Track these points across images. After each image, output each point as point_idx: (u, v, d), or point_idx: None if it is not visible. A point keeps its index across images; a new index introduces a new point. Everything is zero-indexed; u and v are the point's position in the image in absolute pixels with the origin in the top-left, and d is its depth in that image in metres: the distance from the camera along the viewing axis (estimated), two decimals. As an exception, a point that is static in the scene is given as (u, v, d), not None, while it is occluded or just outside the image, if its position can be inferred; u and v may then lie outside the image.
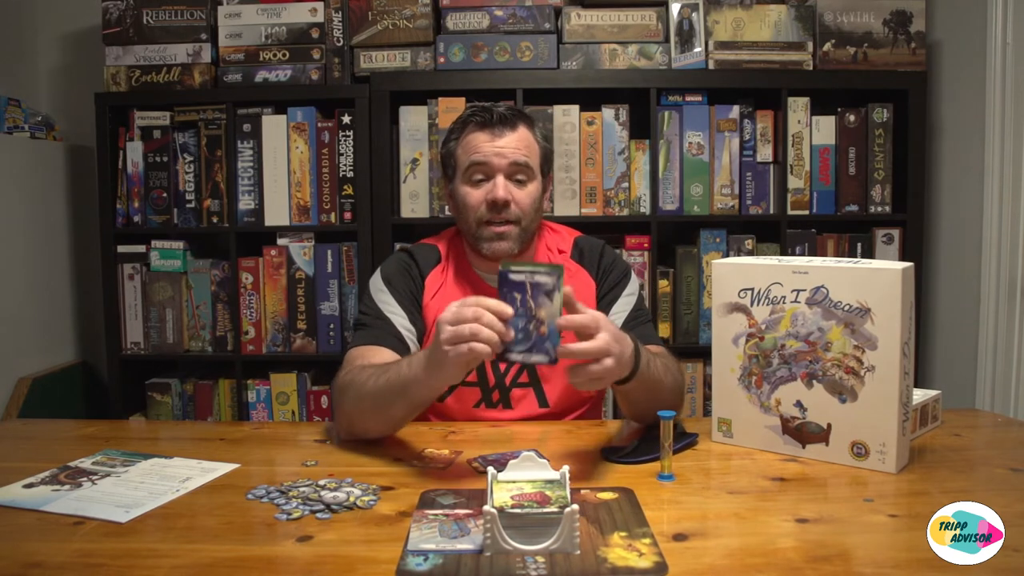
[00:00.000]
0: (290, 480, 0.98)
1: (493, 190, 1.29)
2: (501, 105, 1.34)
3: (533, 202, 1.32)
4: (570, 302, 0.95)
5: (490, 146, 1.30)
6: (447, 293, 1.35)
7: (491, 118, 1.30)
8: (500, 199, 1.28)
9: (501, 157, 1.29)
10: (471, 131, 1.32)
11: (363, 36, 2.12)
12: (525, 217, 1.31)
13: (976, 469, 1.06)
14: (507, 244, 1.30)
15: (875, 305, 0.99)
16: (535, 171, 1.33)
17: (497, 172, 1.30)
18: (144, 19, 2.14)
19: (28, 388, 2.11)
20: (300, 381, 2.19)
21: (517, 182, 1.31)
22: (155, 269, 2.18)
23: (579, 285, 1.36)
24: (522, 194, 1.31)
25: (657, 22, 2.11)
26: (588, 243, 1.43)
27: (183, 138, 2.16)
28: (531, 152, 1.32)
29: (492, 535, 0.76)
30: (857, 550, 0.78)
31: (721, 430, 1.15)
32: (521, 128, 1.32)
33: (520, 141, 1.31)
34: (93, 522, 0.86)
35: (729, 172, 2.10)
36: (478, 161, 1.30)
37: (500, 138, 1.30)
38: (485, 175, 1.31)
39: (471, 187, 1.32)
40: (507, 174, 1.30)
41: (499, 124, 1.30)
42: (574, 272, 1.38)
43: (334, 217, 2.14)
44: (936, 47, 2.19)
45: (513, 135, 1.31)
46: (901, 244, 2.10)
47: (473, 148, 1.31)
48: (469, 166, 1.31)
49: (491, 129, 1.30)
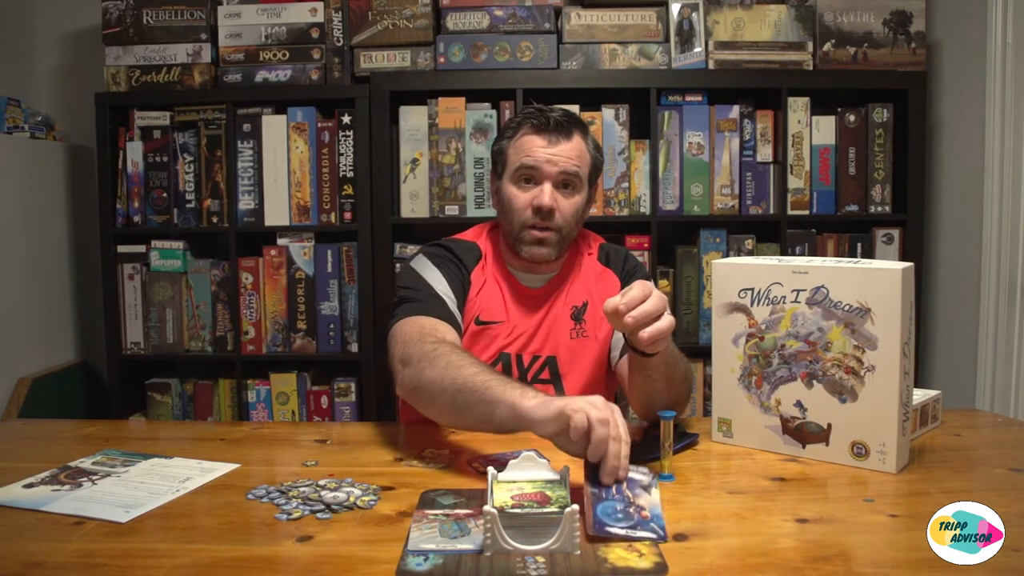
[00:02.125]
0: (290, 480, 0.98)
1: (539, 196, 1.28)
2: (559, 109, 1.34)
3: (576, 211, 1.32)
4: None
5: (543, 151, 1.29)
6: (489, 291, 1.36)
7: (548, 123, 1.29)
8: (545, 206, 1.28)
9: (552, 164, 1.28)
10: (526, 132, 1.31)
11: (363, 36, 2.12)
12: (567, 226, 1.31)
13: (976, 469, 1.06)
14: (546, 250, 1.31)
15: (875, 305, 0.99)
16: (583, 182, 1.33)
17: (546, 179, 1.29)
18: (144, 19, 2.14)
19: (28, 388, 2.11)
20: (300, 381, 2.19)
21: (564, 191, 1.31)
22: (155, 269, 2.18)
23: (606, 285, 1.39)
24: (567, 203, 1.31)
25: (657, 22, 2.11)
26: (613, 248, 1.46)
27: (183, 138, 2.16)
28: (582, 162, 1.32)
29: (492, 535, 0.76)
30: (857, 550, 0.78)
31: (721, 430, 1.15)
32: (576, 137, 1.31)
33: (573, 151, 1.30)
34: (93, 522, 0.86)
35: (729, 172, 2.10)
36: (529, 165, 1.29)
37: (554, 145, 1.29)
38: (534, 179, 1.30)
39: (518, 189, 1.31)
40: (556, 182, 1.29)
41: (555, 130, 1.29)
42: (600, 274, 1.41)
43: (334, 217, 2.14)
44: (936, 47, 2.19)
45: (567, 144, 1.30)
46: (901, 244, 2.10)
47: (526, 151, 1.30)
48: (519, 168, 1.30)
49: (546, 134, 1.29)
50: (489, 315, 1.35)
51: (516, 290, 1.37)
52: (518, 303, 1.37)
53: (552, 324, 1.36)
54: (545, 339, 1.36)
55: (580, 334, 1.36)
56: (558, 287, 1.38)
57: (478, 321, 1.34)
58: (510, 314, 1.35)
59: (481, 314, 1.35)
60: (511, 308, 1.36)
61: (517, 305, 1.36)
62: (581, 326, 1.36)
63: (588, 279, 1.39)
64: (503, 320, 1.35)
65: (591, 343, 1.36)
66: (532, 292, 1.37)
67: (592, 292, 1.38)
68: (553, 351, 1.35)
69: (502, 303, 1.36)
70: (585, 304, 1.37)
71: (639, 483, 0.88)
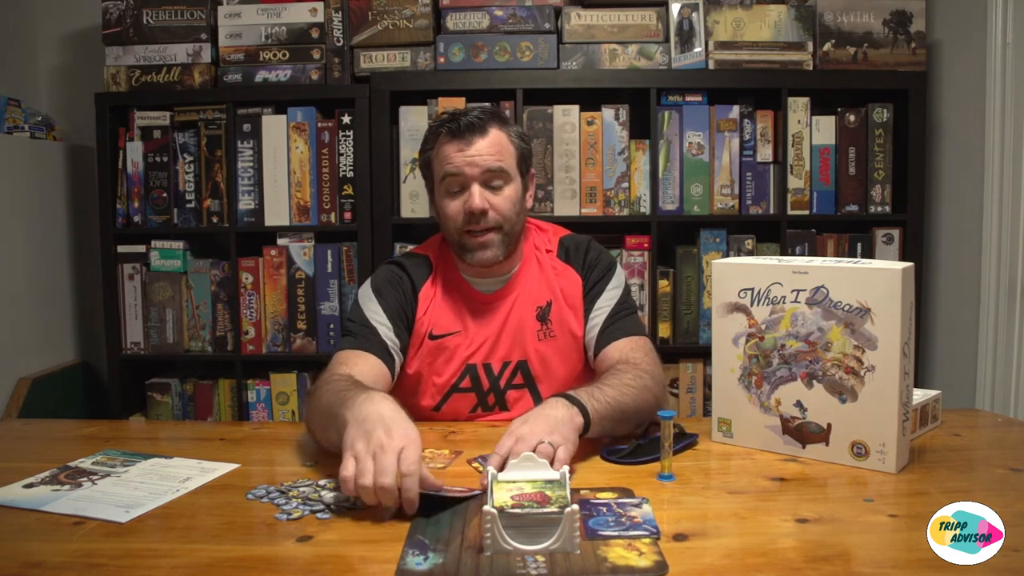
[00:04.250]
0: (290, 480, 0.98)
1: (469, 200, 1.27)
2: (473, 108, 1.32)
3: (513, 205, 1.30)
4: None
5: (461, 156, 1.27)
6: (440, 304, 1.35)
7: (459, 127, 1.27)
8: (476, 208, 1.26)
9: (473, 166, 1.27)
10: (442, 141, 1.29)
11: (363, 36, 2.12)
12: (506, 222, 1.29)
13: (976, 469, 1.06)
14: (491, 252, 1.29)
15: (875, 305, 0.99)
16: (511, 173, 1.30)
17: (471, 181, 1.27)
18: (144, 19, 2.14)
19: (28, 388, 2.11)
20: (300, 381, 2.19)
21: (493, 188, 1.29)
22: (155, 269, 2.18)
23: (567, 284, 1.36)
24: (499, 199, 1.29)
25: (657, 22, 2.11)
26: (574, 241, 1.41)
27: (183, 138, 2.16)
28: (505, 154, 1.29)
29: (492, 535, 0.76)
30: (857, 550, 0.78)
31: (721, 430, 1.15)
32: (492, 131, 1.29)
33: (492, 146, 1.28)
34: (93, 522, 0.86)
35: (729, 172, 2.10)
36: (451, 172, 1.28)
37: (471, 146, 1.27)
38: (460, 185, 1.29)
39: (448, 198, 1.30)
40: (482, 182, 1.27)
41: (468, 131, 1.27)
42: (561, 271, 1.37)
43: (334, 217, 2.14)
44: (936, 47, 2.19)
45: (483, 141, 1.27)
46: (901, 244, 2.10)
47: (445, 159, 1.28)
48: (444, 177, 1.29)
49: (461, 138, 1.27)
50: (442, 328, 1.33)
51: (471, 297, 1.35)
52: (474, 310, 1.35)
53: (517, 328, 1.33)
54: (511, 344, 1.33)
55: (547, 335, 1.34)
56: (515, 288, 1.36)
57: (431, 336, 1.33)
58: (466, 323, 1.34)
59: (434, 328, 1.33)
60: (466, 317, 1.34)
61: (473, 313, 1.34)
62: (547, 327, 1.34)
63: (550, 277, 1.36)
64: (458, 330, 1.33)
65: (560, 342, 1.34)
66: (488, 297, 1.35)
67: (555, 290, 1.36)
68: (522, 355, 1.33)
69: (455, 313, 1.34)
70: (549, 304, 1.35)
71: (630, 503, 0.89)
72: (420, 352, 1.33)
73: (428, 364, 1.33)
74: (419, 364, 1.33)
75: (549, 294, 1.35)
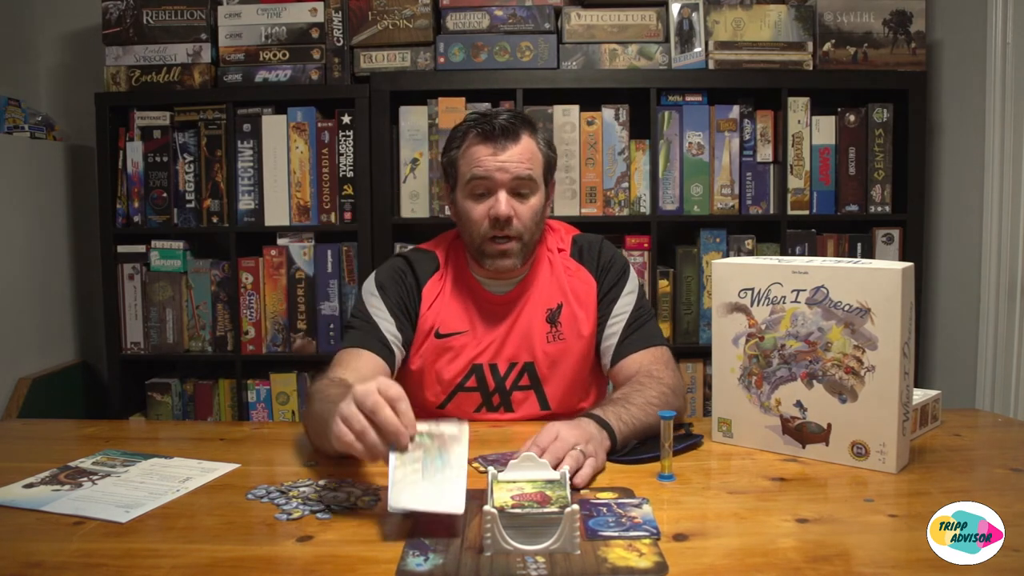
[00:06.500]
0: (290, 480, 0.98)
1: (496, 206, 1.25)
2: (504, 112, 1.30)
3: (535, 215, 1.29)
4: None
5: (493, 160, 1.25)
6: (446, 300, 1.34)
7: (494, 129, 1.25)
8: (503, 216, 1.24)
9: (504, 172, 1.25)
10: (473, 142, 1.27)
11: (363, 36, 2.12)
12: (527, 232, 1.28)
13: (976, 469, 1.06)
14: (511, 261, 1.28)
15: (875, 305, 0.99)
16: (538, 183, 1.30)
17: (500, 188, 1.25)
18: (144, 19, 2.14)
19: (28, 388, 2.11)
20: (300, 381, 2.18)
21: (520, 196, 1.28)
22: (155, 269, 2.18)
23: (579, 284, 1.35)
24: (525, 208, 1.28)
25: (657, 22, 2.11)
26: (587, 240, 1.40)
27: (183, 138, 2.16)
28: (534, 163, 1.28)
29: (492, 535, 0.76)
30: (857, 550, 0.78)
31: (721, 430, 1.15)
32: (524, 138, 1.27)
33: (523, 153, 1.26)
34: (93, 522, 0.86)
35: (729, 172, 2.10)
36: (480, 175, 1.26)
37: (503, 151, 1.25)
38: (487, 190, 1.27)
39: (473, 201, 1.28)
40: (510, 189, 1.26)
41: (502, 136, 1.25)
42: (574, 271, 1.36)
43: (334, 217, 2.14)
44: (936, 47, 2.19)
45: (516, 147, 1.26)
46: (901, 244, 2.10)
47: (475, 161, 1.26)
48: (471, 179, 1.27)
49: (494, 141, 1.25)
50: (449, 327, 1.33)
51: (481, 298, 1.34)
52: (484, 311, 1.34)
53: (526, 330, 1.33)
54: (519, 345, 1.33)
55: (557, 337, 1.33)
56: (527, 290, 1.35)
57: (438, 334, 1.32)
58: (474, 323, 1.33)
59: (440, 327, 1.32)
60: (475, 317, 1.33)
61: (482, 313, 1.34)
62: (557, 329, 1.33)
63: (561, 278, 1.35)
64: (466, 330, 1.33)
65: (569, 345, 1.33)
66: (499, 298, 1.34)
67: (567, 292, 1.34)
68: (530, 357, 1.33)
69: (464, 313, 1.33)
70: (560, 306, 1.34)
71: (630, 504, 0.89)
72: (423, 349, 1.33)
73: (432, 361, 1.33)
74: (422, 361, 1.33)
75: (560, 296, 1.34)
